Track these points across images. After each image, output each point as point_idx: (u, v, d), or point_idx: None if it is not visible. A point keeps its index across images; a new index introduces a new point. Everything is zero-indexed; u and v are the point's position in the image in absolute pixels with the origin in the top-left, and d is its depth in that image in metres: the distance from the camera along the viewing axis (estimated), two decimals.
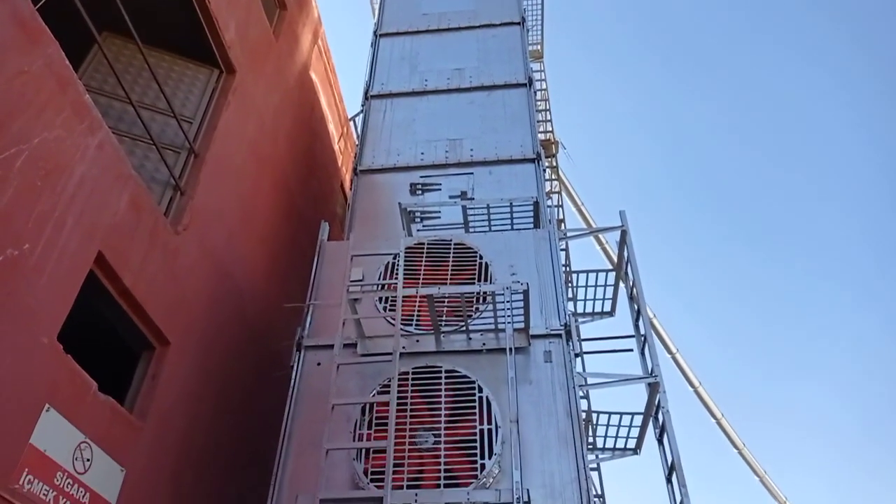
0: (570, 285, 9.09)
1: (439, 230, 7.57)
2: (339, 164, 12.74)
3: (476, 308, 6.35)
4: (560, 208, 12.21)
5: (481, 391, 5.67)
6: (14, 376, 4.25)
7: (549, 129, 12.87)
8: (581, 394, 6.61)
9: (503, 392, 5.56)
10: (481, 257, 6.79)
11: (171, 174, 6.65)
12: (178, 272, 6.39)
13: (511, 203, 7.50)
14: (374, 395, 5.77)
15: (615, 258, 9.03)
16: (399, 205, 7.57)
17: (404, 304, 6.19)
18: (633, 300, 7.86)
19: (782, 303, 38.73)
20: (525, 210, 7.52)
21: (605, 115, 42.79)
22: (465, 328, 6.13)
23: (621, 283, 8.65)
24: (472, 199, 7.95)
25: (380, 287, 6.69)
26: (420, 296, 6.11)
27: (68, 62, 4.91)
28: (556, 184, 12.84)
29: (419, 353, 6.10)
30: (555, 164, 12.88)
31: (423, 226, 7.77)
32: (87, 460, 4.87)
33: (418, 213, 7.75)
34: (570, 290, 9.12)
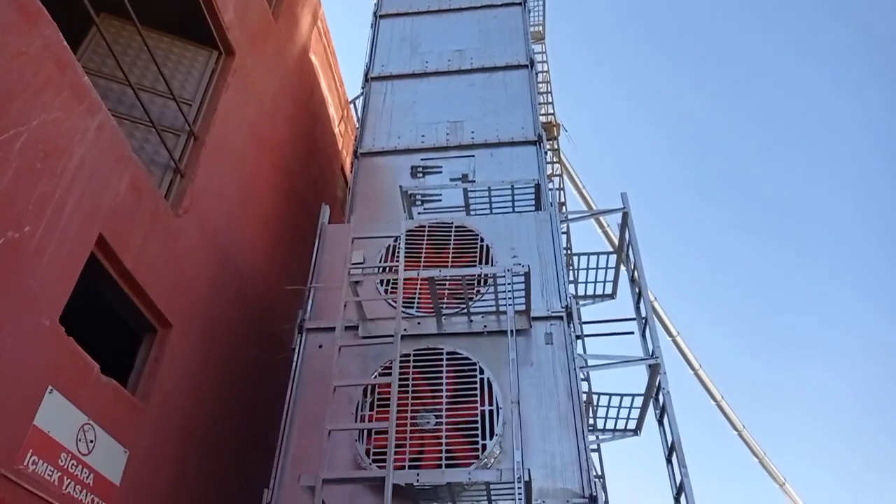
0: (571, 268, 9.10)
1: (440, 213, 7.56)
2: (340, 146, 12.69)
3: (477, 290, 6.35)
4: (561, 191, 12.20)
5: (482, 373, 5.69)
6: (16, 358, 4.27)
7: (551, 111, 12.82)
8: (582, 376, 6.63)
9: (504, 374, 5.58)
10: (482, 240, 6.78)
11: (171, 157, 6.63)
12: (178, 255, 6.39)
13: (512, 185, 7.48)
14: (375, 377, 5.79)
15: (616, 241, 9.03)
16: (400, 188, 7.55)
17: (405, 286, 6.19)
18: (635, 283, 7.86)
19: (784, 287, 38.79)
20: (526, 192, 7.50)
21: (606, 98, 42.59)
22: (466, 310, 6.14)
23: (622, 265, 8.65)
24: (473, 181, 7.93)
25: (381, 270, 6.70)
26: (421, 278, 6.11)
27: (66, 44, 4.87)
28: (557, 167, 12.81)
29: (420, 335, 6.12)
30: (556, 146, 12.84)
31: (424, 209, 7.75)
32: (91, 442, 4.90)
33: (419, 196, 7.74)
34: (571, 273, 9.12)
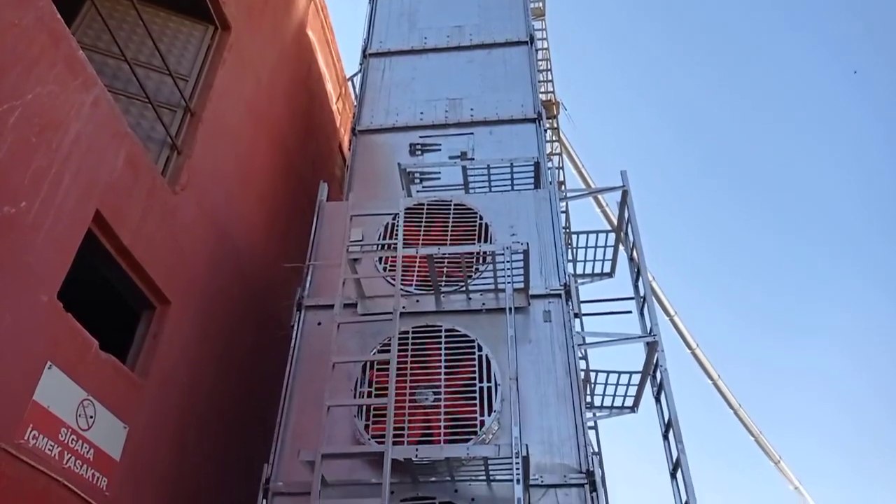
0: (569, 246, 9.09)
1: (439, 191, 7.52)
2: (338, 124, 12.60)
3: (476, 268, 6.35)
4: (561, 170, 12.15)
5: (481, 350, 5.70)
6: (14, 334, 4.27)
7: (551, 89, 12.71)
8: (580, 353, 6.66)
9: (502, 351, 5.59)
10: (481, 218, 6.76)
11: (168, 133, 6.57)
12: (176, 232, 6.37)
13: (511, 163, 7.44)
14: (374, 354, 5.80)
15: (615, 221, 9.01)
16: (398, 165, 7.50)
17: (404, 264, 6.18)
18: (633, 262, 7.86)
19: (785, 268, 38.82)
20: (525, 170, 7.46)
21: (606, 78, 42.27)
22: (464, 288, 6.14)
23: (621, 244, 8.64)
24: (472, 159, 7.88)
25: (380, 247, 6.68)
26: (420, 256, 6.10)
27: (59, 16, 4.80)
28: (556, 145, 12.74)
29: (419, 312, 6.12)
30: (556, 125, 12.75)
31: (423, 186, 7.71)
32: (91, 417, 4.92)
33: (418, 174, 7.69)
34: (570, 252, 9.11)
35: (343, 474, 5.17)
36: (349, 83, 12.35)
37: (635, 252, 7.67)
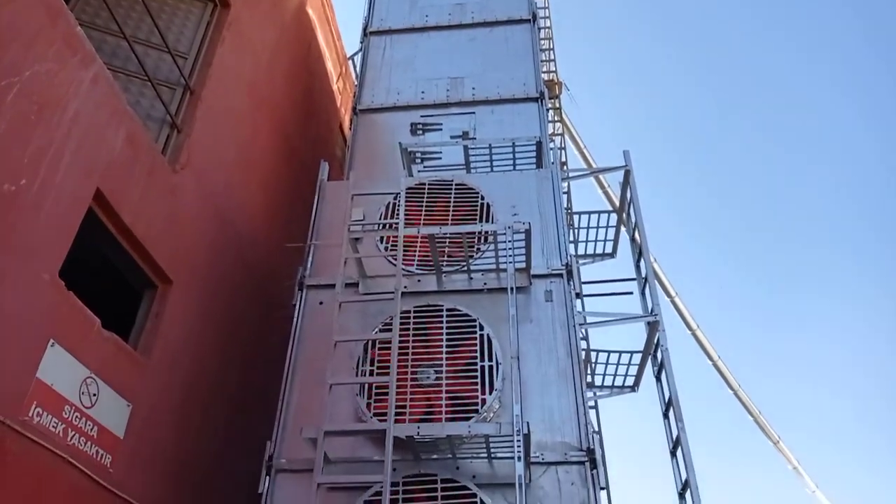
0: (571, 227, 9.06)
1: (440, 171, 7.49)
2: (339, 104, 12.50)
3: (477, 248, 6.34)
4: (563, 150, 12.07)
5: (482, 329, 5.72)
6: (17, 311, 4.27)
7: (553, 69, 12.59)
8: (581, 333, 6.67)
9: (504, 330, 5.60)
10: (483, 198, 6.73)
11: (168, 111, 6.53)
12: (177, 210, 6.35)
13: (513, 143, 7.39)
14: (376, 333, 5.82)
15: (617, 202, 8.97)
16: (399, 145, 7.46)
17: (405, 244, 6.17)
18: (635, 242, 7.84)
19: (784, 258, 38.72)
20: (527, 150, 7.42)
21: (609, 59, 41.86)
22: (466, 268, 6.14)
23: (623, 225, 8.62)
24: (473, 138, 7.82)
25: (381, 227, 6.67)
26: (421, 235, 6.09)
27: None
28: (558, 126, 12.66)
29: (421, 292, 6.13)
30: (558, 105, 12.65)
31: (424, 166, 7.68)
32: (94, 395, 4.95)
33: (419, 154, 7.65)
34: (572, 232, 9.09)
35: (345, 452, 5.21)
36: (350, 62, 12.23)
37: (637, 232, 7.66)
